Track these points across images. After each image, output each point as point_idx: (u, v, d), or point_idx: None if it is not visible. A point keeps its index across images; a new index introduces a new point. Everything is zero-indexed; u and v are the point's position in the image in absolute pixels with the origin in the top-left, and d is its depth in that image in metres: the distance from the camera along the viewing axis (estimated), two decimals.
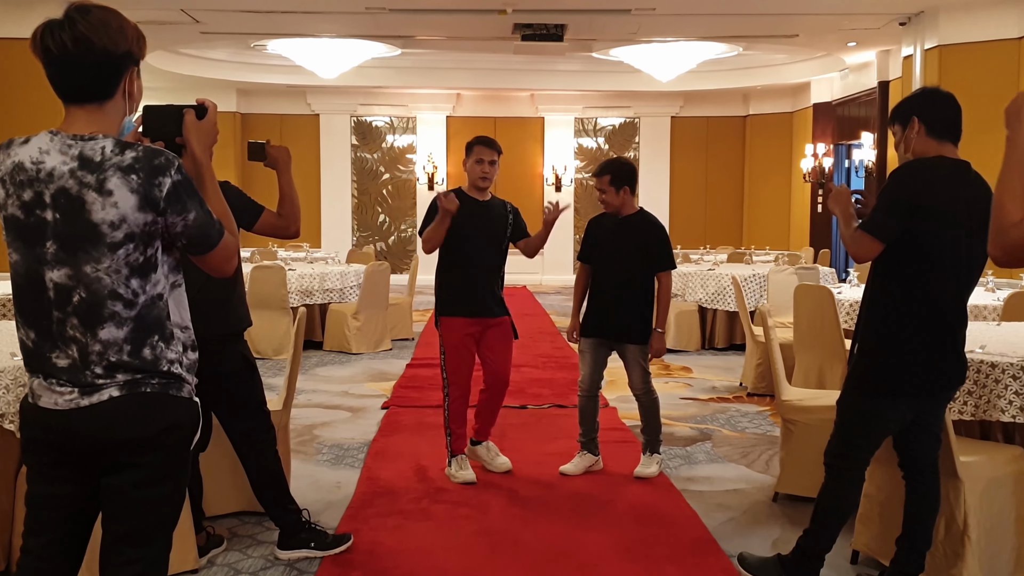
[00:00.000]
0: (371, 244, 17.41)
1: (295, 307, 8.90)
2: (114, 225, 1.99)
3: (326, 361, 8.79)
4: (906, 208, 3.07)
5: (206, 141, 2.23)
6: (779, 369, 4.57)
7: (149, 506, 2.09)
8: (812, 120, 15.54)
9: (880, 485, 3.62)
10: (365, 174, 18.01)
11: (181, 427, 2.12)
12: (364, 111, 17.80)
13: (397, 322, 10.01)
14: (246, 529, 4.15)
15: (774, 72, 15.54)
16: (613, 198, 4.85)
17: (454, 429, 4.88)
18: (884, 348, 3.18)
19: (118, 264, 2.01)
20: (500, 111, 17.78)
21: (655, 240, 4.85)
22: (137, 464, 2.06)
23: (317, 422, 6.28)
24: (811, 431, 4.28)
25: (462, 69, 15.86)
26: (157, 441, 2.07)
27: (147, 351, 2.06)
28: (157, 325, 2.08)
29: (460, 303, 4.83)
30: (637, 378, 4.89)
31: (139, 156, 2.01)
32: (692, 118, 17.99)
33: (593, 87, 16.55)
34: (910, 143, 3.20)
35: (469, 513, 4.40)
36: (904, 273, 3.13)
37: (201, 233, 2.10)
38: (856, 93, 14.12)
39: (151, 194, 2.00)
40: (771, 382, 5.12)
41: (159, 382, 2.07)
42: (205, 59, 14.67)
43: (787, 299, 6.85)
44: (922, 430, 3.30)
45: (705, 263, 10.93)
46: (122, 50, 2.05)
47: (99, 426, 2.03)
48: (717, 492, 4.77)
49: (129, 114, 2.14)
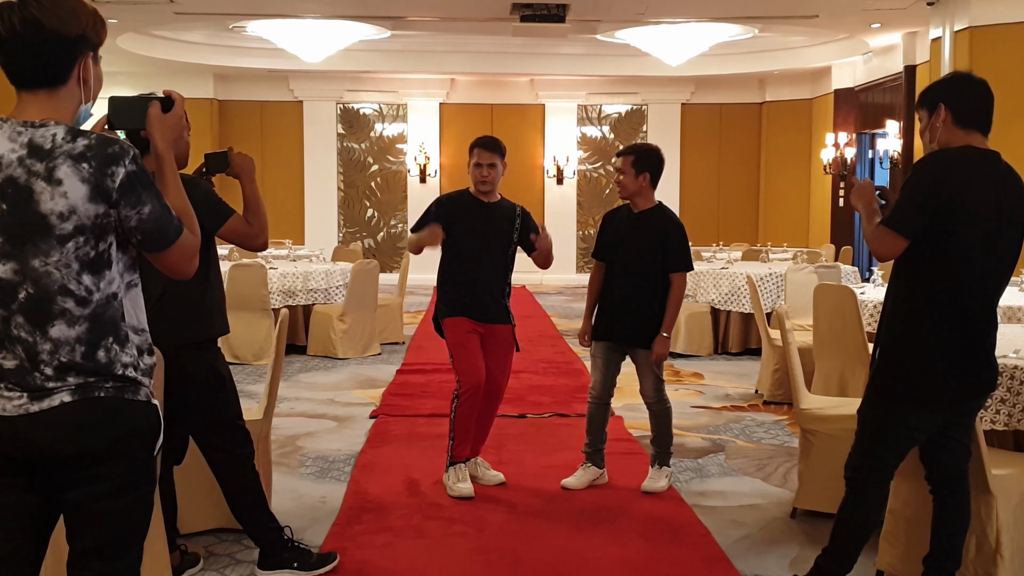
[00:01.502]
0: (358, 241, 17.40)
1: (277, 308, 8.89)
2: (63, 216, 2.00)
3: (310, 367, 8.79)
4: (931, 201, 3.06)
5: (169, 135, 2.25)
6: (797, 375, 4.57)
7: (114, 519, 2.11)
8: (833, 107, 15.56)
9: (906, 500, 3.63)
10: (352, 165, 18.01)
11: (140, 433, 2.13)
12: (351, 98, 17.80)
13: (387, 325, 10.02)
14: (224, 548, 4.14)
15: (792, 56, 15.55)
16: (631, 182, 4.84)
17: (458, 432, 4.85)
18: (908, 352, 3.18)
19: (68, 258, 2.03)
20: (497, 98, 17.79)
21: (672, 237, 4.84)
22: (97, 476, 2.07)
23: (300, 432, 6.28)
24: (832, 442, 4.29)
25: (456, 52, 15.86)
26: (116, 450, 2.08)
27: (101, 353, 2.07)
28: (112, 326, 2.09)
29: (460, 305, 4.86)
30: (649, 385, 4.89)
31: (91, 144, 2.03)
32: (704, 105, 18.01)
33: (597, 72, 16.55)
34: (935, 132, 3.20)
35: (464, 530, 4.40)
36: (929, 271, 3.13)
37: (157, 228, 2.11)
38: (880, 78, 14.13)
39: (103, 184, 2.02)
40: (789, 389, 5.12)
41: (113, 386, 2.08)
42: (180, 42, 14.67)
43: (806, 300, 6.85)
44: (950, 441, 3.30)
45: (718, 261, 10.94)
46: (75, 33, 2.07)
47: (52, 435, 2.04)
48: (731, 508, 4.78)
49: (86, 102, 2.16)
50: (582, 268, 18.10)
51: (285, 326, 4.36)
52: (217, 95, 17.07)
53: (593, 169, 18.29)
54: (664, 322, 4.81)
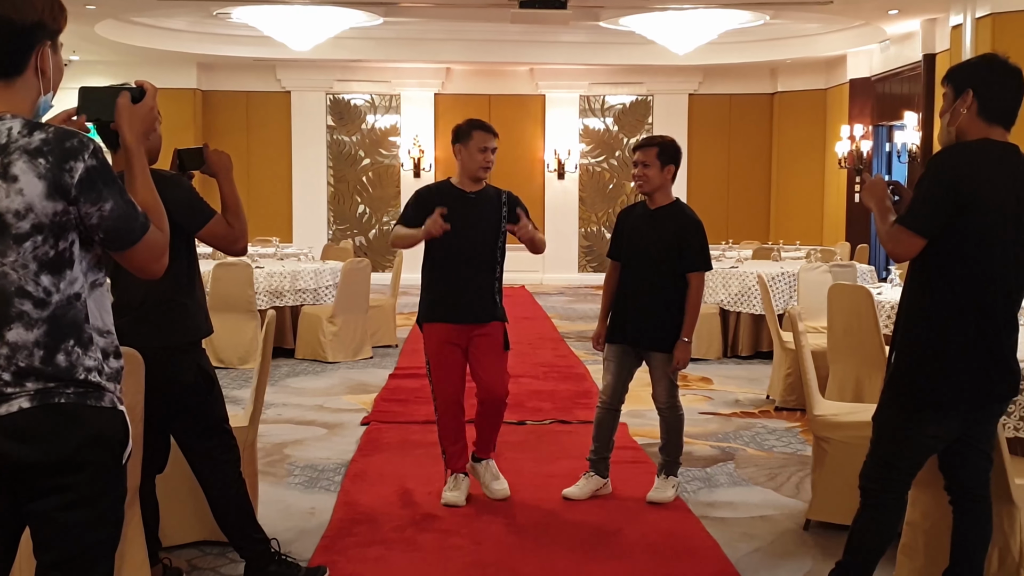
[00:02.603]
0: (349, 238, 17.42)
1: (263, 310, 8.90)
2: (19, 215, 2.01)
3: (298, 371, 8.80)
4: (948, 197, 3.06)
5: (139, 127, 2.25)
6: (811, 380, 4.58)
7: (80, 531, 2.11)
8: (848, 98, 15.58)
9: (925, 512, 3.63)
10: (342, 159, 18.02)
11: (104, 441, 2.13)
12: (341, 88, 17.81)
13: (379, 327, 10.03)
14: (207, 561, 4.15)
15: (805, 44, 15.57)
16: (656, 175, 4.83)
17: (446, 447, 4.93)
18: (925, 356, 3.18)
19: (25, 258, 2.03)
20: (495, 88, 17.81)
21: (690, 235, 4.83)
22: (61, 487, 2.08)
23: (288, 440, 6.29)
24: (847, 450, 4.29)
25: (452, 40, 15.88)
26: (78, 459, 2.08)
27: (61, 357, 2.07)
28: (74, 328, 2.09)
29: (443, 307, 4.85)
30: (662, 391, 4.90)
31: (48, 138, 2.03)
32: (712, 96, 18.03)
33: (600, 61, 16.56)
34: (957, 117, 3.18)
35: (461, 543, 4.41)
36: (947, 271, 3.13)
37: (120, 226, 2.11)
38: (898, 67, 14.15)
39: (61, 180, 2.02)
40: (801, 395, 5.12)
41: (75, 392, 2.08)
42: (161, 29, 14.67)
43: (820, 301, 6.86)
44: (970, 449, 3.30)
45: (727, 260, 10.95)
46: (30, 21, 2.07)
47: (9, 443, 2.04)
48: (741, 519, 4.79)
49: (45, 93, 2.16)
50: (584, 267, 18.12)
51: (272, 328, 4.36)
52: (200, 85, 17.06)
53: (596, 163, 18.30)
54: (684, 326, 4.81)
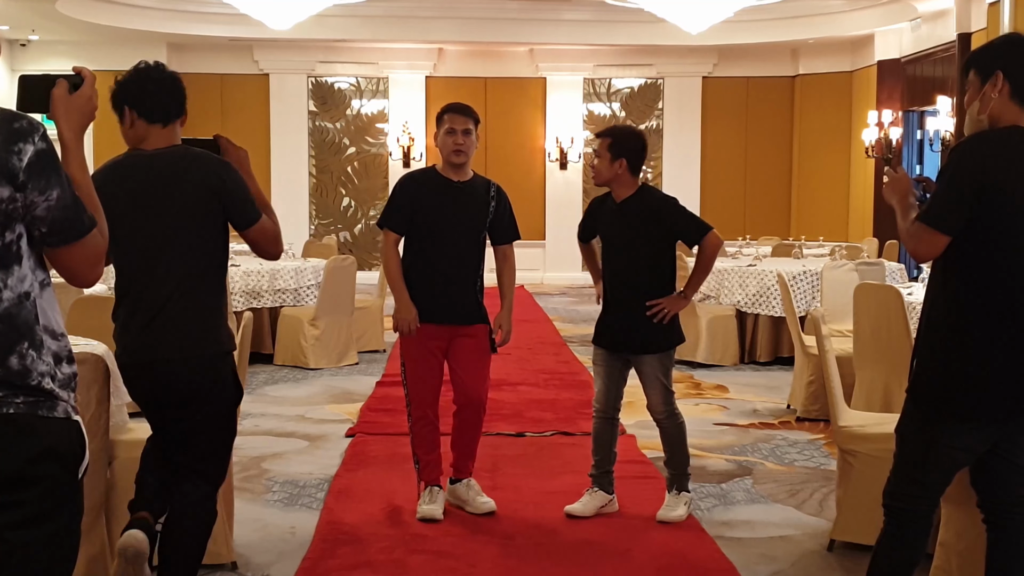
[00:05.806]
0: (333, 234, 17.43)
1: (239, 311, 8.90)
2: None
3: (277, 378, 8.80)
4: (972, 191, 3.06)
5: (76, 120, 2.24)
6: (835, 388, 4.58)
7: (34, 550, 2.11)
8: (876, 81, 15.60)
9: (960, 531, 3.64)
10: (326, 147, 18.03)
11: (57, 455, 2.12)
12: (324, 70, 17.82)
13: (365, 330, 10.02)
14: None
15: (830, 22, 15.58)
16: (604, 168, 4.84)
17: (420, 456, 4.98)
18: (950, 361, 3.18)
19: None
20: (492, 70, 17.80)
21: (670, 217, 4.84)
22: (10, 503, 2.07)
23: (267, 453, 6.29)
24: (875, 464, 4.29)
25: (445, 18, 15.88)
26: (28, 474, 2.08)
27: (14, 360, 2.07)
28: (26, 329, 2.09)
29: (426, 309, 4.86)
30: (657, 398, 4.90)
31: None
32: (728, 79, 18.04)
33: (606, 41, 16.57)
34: (988, 103, 3.17)
35: (454, 565, 4.41)
36: (973, 270, 3.13)
37: (66, 218, 2.10)
38: (930, 48, 14.16)
39: (9, 163, 2.01)
40: (825, 404, 5.14)
41: (24, 401, 2.08)
42: (128, 6, 14.68)
43: (846, 302, 6.87)
44: (1002, 462, 3.30)
45: (744, 257, 10.95)
46: None
47: None
48: (759, 539, 4.79)
49: None
50: None
51: (249, 332, 4.37)
52: (171, 67, 16.89)
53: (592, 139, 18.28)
54: (688, 283, 4.85)
